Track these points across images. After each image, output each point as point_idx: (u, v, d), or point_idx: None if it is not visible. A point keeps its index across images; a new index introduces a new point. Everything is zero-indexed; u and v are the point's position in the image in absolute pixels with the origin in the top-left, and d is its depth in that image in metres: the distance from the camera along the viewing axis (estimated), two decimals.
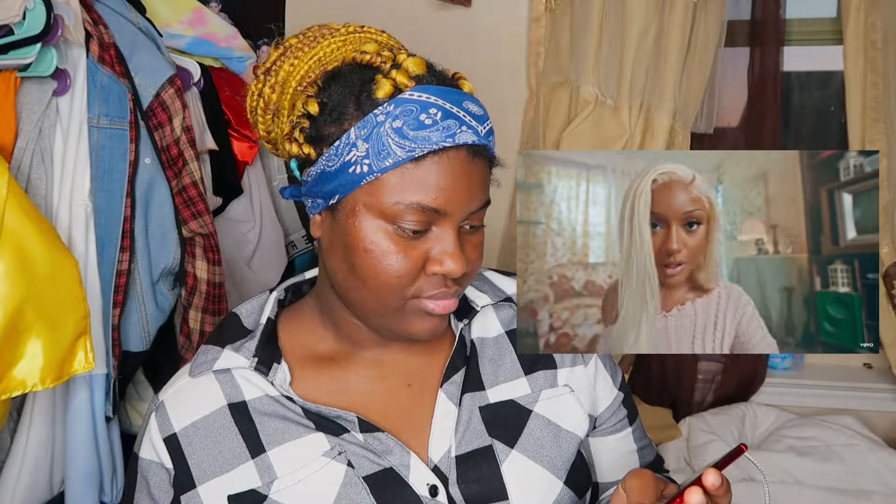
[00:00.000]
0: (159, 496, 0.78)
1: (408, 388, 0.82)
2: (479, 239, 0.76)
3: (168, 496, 0.78)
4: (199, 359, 0.81)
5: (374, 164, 0.69)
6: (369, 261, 0.71)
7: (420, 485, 0.76)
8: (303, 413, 0.77)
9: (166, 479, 0.78)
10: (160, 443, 0.78)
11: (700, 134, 2.08)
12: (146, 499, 0.79)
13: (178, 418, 0.79)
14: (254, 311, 0.84)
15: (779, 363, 2.24)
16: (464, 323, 0.84)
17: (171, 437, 0.78)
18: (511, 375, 0.84)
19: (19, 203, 1.11)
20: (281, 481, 0.75)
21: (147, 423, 0.81)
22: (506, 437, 0.80)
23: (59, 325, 1.14)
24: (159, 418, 0.79)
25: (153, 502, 0.79)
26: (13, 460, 1.27)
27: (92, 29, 1.31)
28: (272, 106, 0.75)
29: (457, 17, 2.12)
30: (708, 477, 0.63)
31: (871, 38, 1.93)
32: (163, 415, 0.79)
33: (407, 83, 0.69)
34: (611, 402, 0.89)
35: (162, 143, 1.41)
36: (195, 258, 1.47)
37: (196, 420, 0.78)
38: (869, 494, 1.85)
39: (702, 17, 1.94)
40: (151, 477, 0.79)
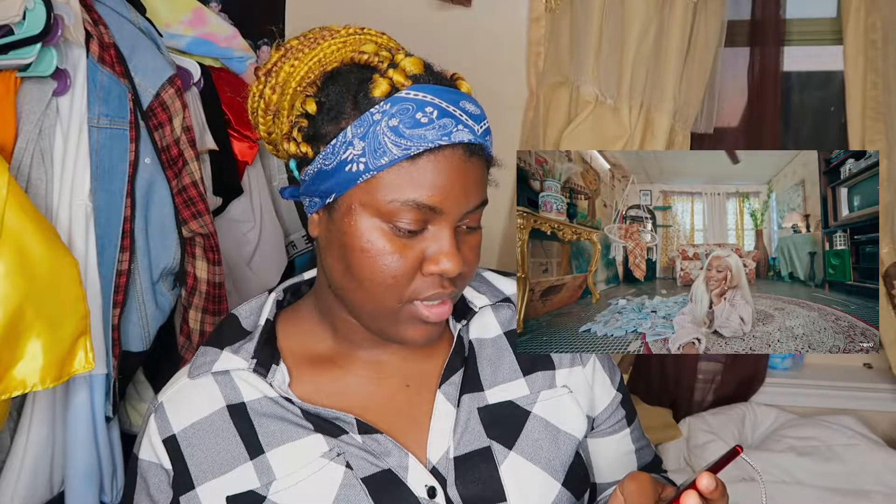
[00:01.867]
0: (158, 497, 0.79)
1: (406, 389, 0.82)
2: (475, 240, 0.76)
3: (167, 497, 0.78)
4: (197, 360, 0.81)
5: (371, 162, 0.69)
6: (365, 260, 0.71)
7: (418, 486, 0.76)
8: (301, 414, 0.78)
9: (165, 480, 0.78)
10: (159, 444, 0.78)
11: (700, 134, 2.08)
12: (146, 500, 0.80)
13: (177, 420, 0.79)
14: (252, 313, 0.84)
15: (779, 363, 2.24)
16: (462, 323, 0.84)
17: (171, 439, 0.78)
18: (510, 376, 0.84)
19: (19, 203, 1.11)
20: (279, 482, 0.75)
21: (146, 425, 0.81)
22: (504, 439, 0.80)
23: (59, 325, 1.14)
24: (158, 420, 0.80)
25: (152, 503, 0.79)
26: (13, 460, 1.27)
27: (92, 29, 1.31)
28: (273, 107, 0.76)
29: (457, 17, 2.12)
30: (702, 481, 0.63)
31: (871, 38, 1.93)
32: (162, 416, 0.80)
33: (404, 82, 0.70)
34: (609, 403, 0.89)
35: (162, 143, 1.41)
36: (195, 258, 1.47)
37: (195, 421, 0.78)
38: (869, 494, 1.85)
39: (702, 17, 1.94)
40: (151, 478, 0.79)
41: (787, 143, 2.31)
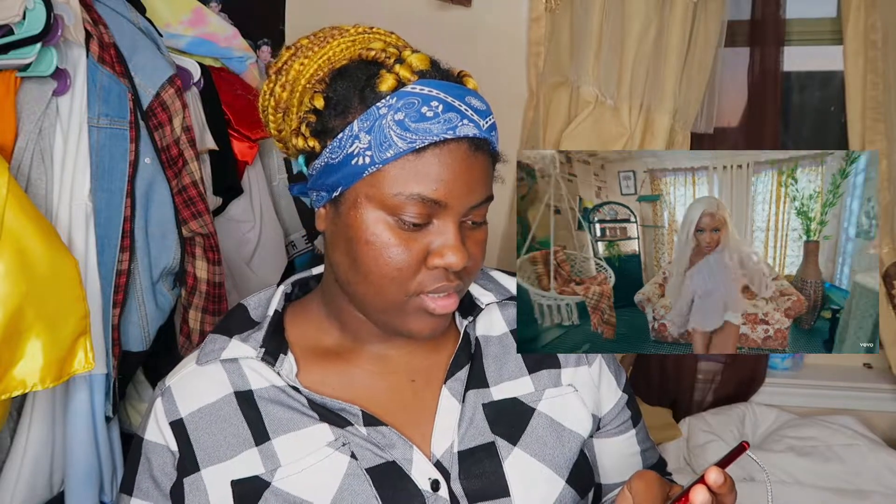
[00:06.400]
0: (161, 478, 0.79)
1: (411, 384, 0.82)
2: (481, 235, 0.76)
3: (170, 479, 0.79)
4: (206, 347, 0.82)
5: (376, 155, 0.69)
6: (370, 253, 0.72)
7: (422, 479, 0.76)
8: (308, 404, 0.78)
9: (170, 462, 0.79)
10: (166, 426, 0.79)
11: (700, 134, 2.08)
12: (147, 480, 0.80)
13: (184, 404, 0.80)
14: (261, 304, 0.85)
15: (779, 363, 2.25)
16: (468, 320, 0.85)
17: (178, 422, 0.79)
18: (515, 373, 0.84)
19: (19, 203, 1.11)
20: (284, 469, 0.76)
21: (152, 407, 0.81)
22: (508, 435, 0.80)
23: (59, 325, 1.14)
24: (166, 403, 0.80)
25: (154, 483, 0.80)
26: (13, 460, 1.27)
27: (92, 29, 1.31)
28: (282, 104, 0.77)
29: (457, 17, 2.12)
30: (710, 474, 0.63)
31: (871, 38, 1.93)
32: (169, 399, 0.80)
33: (410, 77, 0.70)
34: (615, 404, 0.90)
35: (162, 143, 1.41)
36: (195, 258, 1.47)
37: (202, 406, 0.79)
38: (869, 494, 1.85)
39: (702, 17, 1.94)
40: (155, 458, 0.80)
41: (787, 143, 2.32)
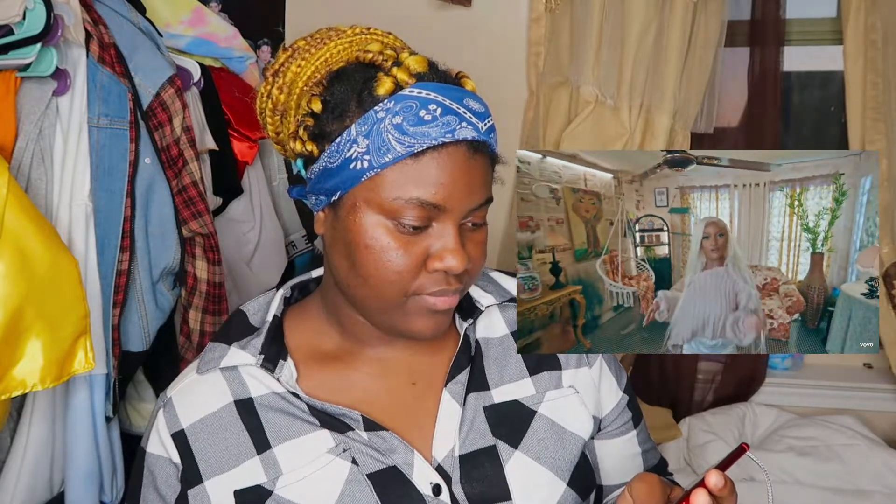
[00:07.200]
0: (165, 491, 0.79)
1: (412, 387, 0.82)
2: (481, 237, 0.76)
3: (174, 491, 0.78)
4: (206, 356, 0.82)
5: (374, 159, 0.69)
6: (370, 257, 0.72)
7: (423, 483, 0.76)
8: (308, 410, 0.78)
9: (174, 474, 0.79)
10: (168, 438, 0.79)
11: (700, 134, 2.08)
12: (152, 493, 0.80)
13: (185, 415, 0.79)
14: (260, 309, 0.85)
15: (779, 363, 2.24)
16: (468, 322, 0.84)
17: (180, 433, 0.79)
18: (516, 376, 0.84)
19: (19, 203, 1.11)
20: (286, 477, 0.76)
21: (155, 419, 0.81)
22: (509, 438, 0.80)
23: (59, 325, 1.14)
24: (167, 414, 0.80)
25: (159, 496, 0.79)
26: (13, 460, 1.27)
27: (92, 29, 1.31)
28: (280, 107, 0.76)
29: (457, 17, 2.12)
30: (711, 477, 0.63)
31: (871, 38, 1.93)
32: (171, 411, 0.80)
33: (408, 80, 0.70)
34: (616, 405, 0.89)
35: (162, 143, 1.41)
36: (195, 258, 1.47)
37: (203, 416, 0.79)
38: (869, 494, 1.85)
39: (702, 17, 1.94)
40: (158, 472, 0.79)
41: (787, 143, 2.31)
